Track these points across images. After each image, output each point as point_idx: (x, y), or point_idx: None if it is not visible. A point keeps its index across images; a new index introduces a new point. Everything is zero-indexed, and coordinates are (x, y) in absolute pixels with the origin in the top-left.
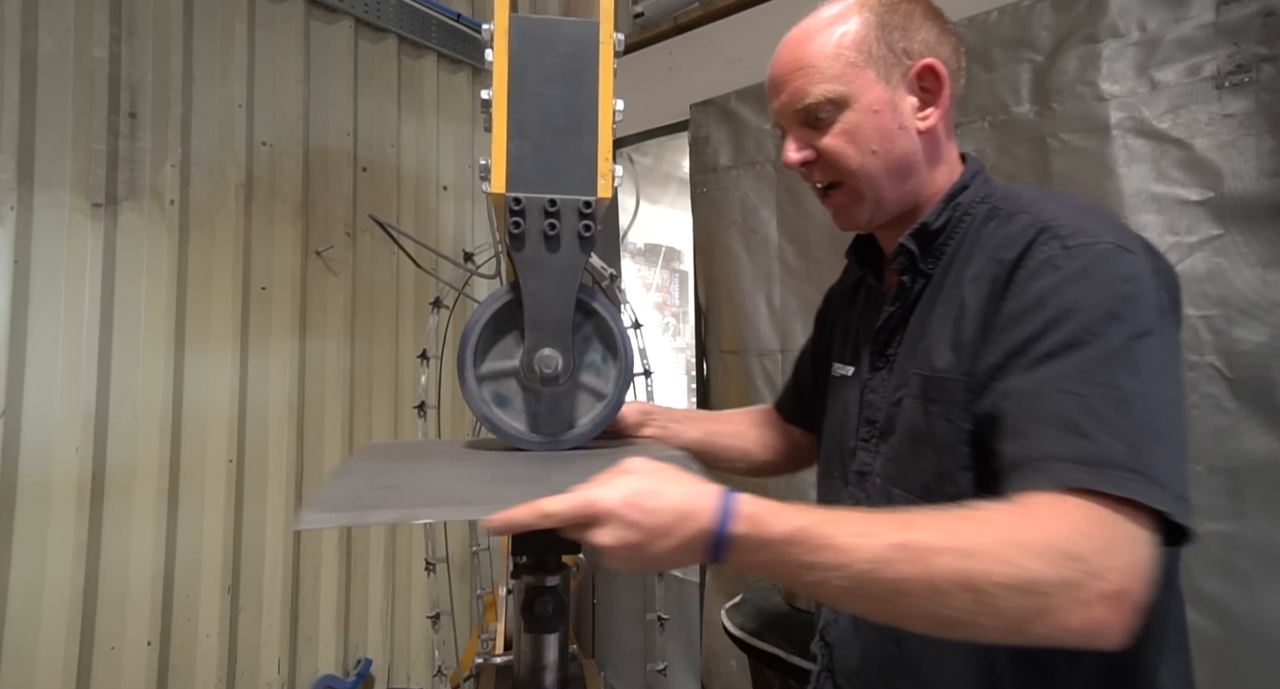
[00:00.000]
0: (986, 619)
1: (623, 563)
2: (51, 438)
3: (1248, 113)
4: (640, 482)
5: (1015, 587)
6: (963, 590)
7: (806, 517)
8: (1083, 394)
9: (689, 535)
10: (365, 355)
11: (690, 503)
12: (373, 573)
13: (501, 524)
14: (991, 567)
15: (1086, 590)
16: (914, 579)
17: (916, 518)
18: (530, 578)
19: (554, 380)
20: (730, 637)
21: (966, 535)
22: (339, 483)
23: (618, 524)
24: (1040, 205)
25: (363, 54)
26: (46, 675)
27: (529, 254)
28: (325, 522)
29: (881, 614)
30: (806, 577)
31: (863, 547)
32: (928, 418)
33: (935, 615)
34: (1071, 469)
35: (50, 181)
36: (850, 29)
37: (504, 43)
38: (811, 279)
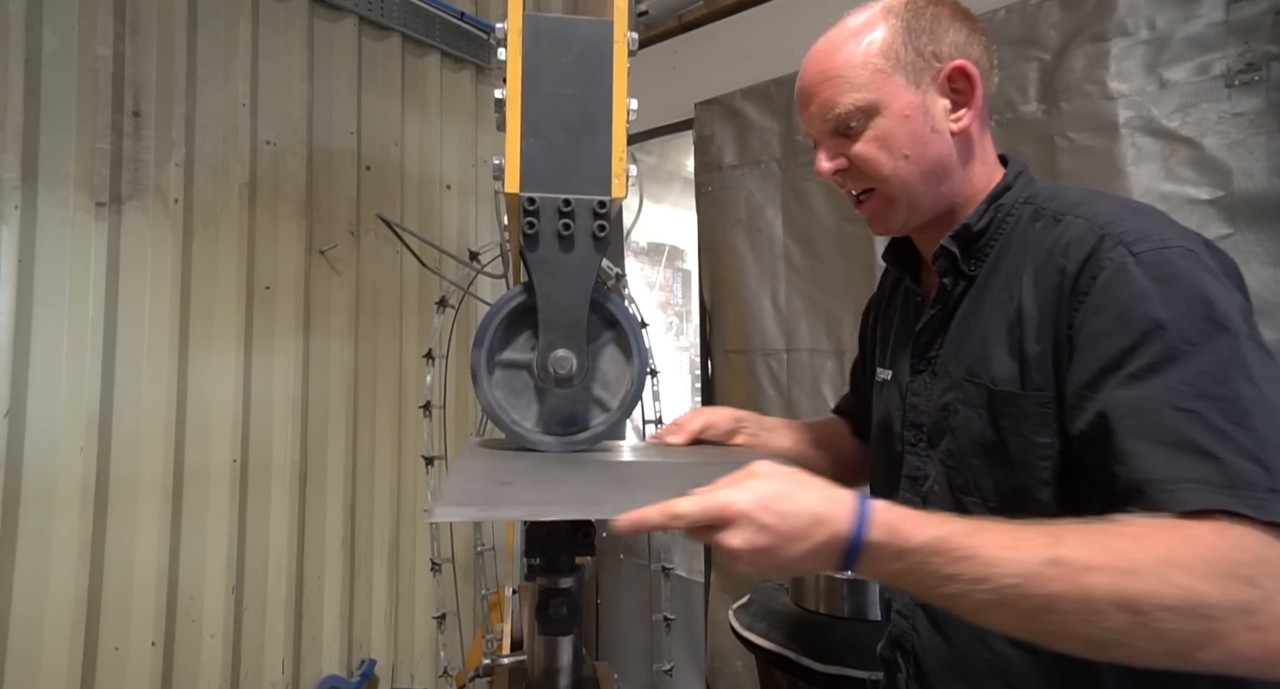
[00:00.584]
0: (1146, 642)
1: (752, 567)
2: (55, 438)
3: (1258, 111)
4: (773, 484)
5: (1180, 609)
6: (1120, 611)
7: (947, 526)
8: (1195, 410)
9: (822, 540)
10: (369, 355)
11: (825, 507)
12: (376, 573)
13: (631, 524)
14: (1153, 587)
15: (1260, 615)
16: (1066, 597)
17: (1065, 532)
18: (544, 579)
19: (568, 381)
20: (738, 637)
21: (1123, 554)
22: (460, 478)
23: (749, 527)
24: (1091, 206)
25: (366, 52)
26: (51, 676)
27: (543, 254)
28: (460, 515)
29: (1025, 631)
30: (945, 588)
31: (1010, 561)
32: (998, 431)
33: (1086, 636)
34: (1199, 490)
35: (54, 180)
36: (877, 37)
37: (518, 42)
38: (817, 278)
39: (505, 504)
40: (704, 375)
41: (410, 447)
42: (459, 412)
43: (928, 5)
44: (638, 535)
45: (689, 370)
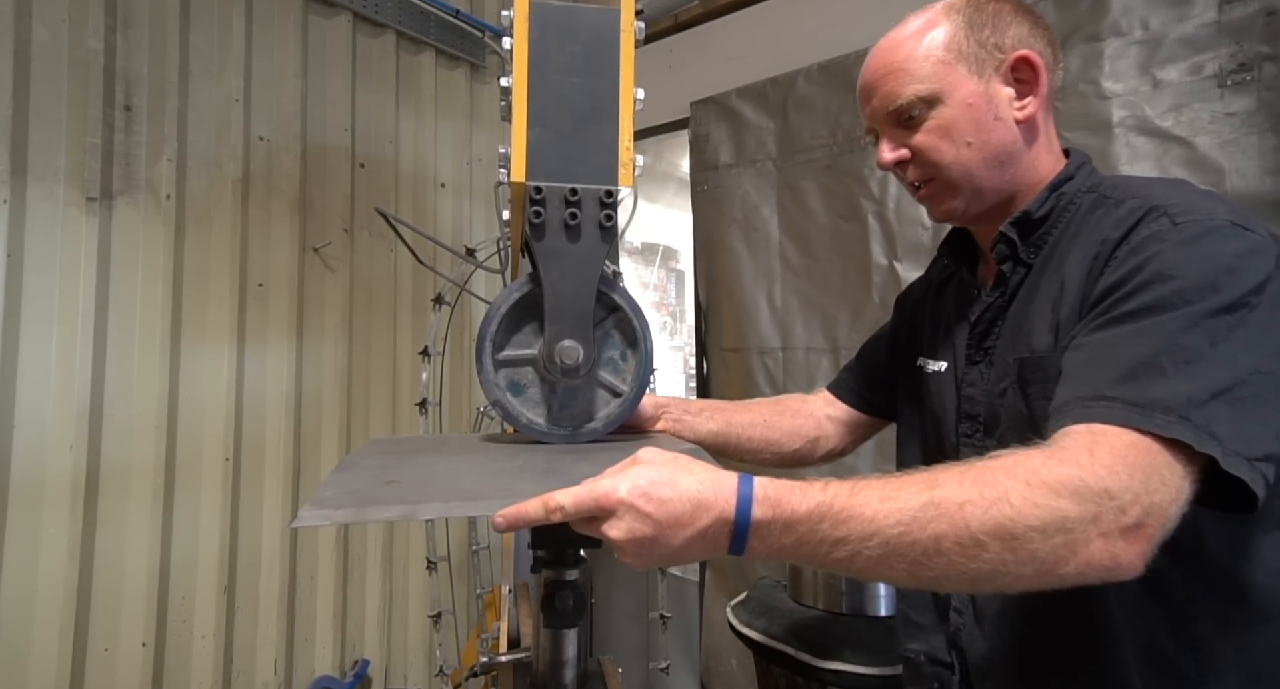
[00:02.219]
0: (1019, 567)
1: (637, 558)
2: (45, 435)
3: (1250, 111)
4: (653, 472)
5: (1045, 527)
6: (995, 540)
7: (827, 491)
8: (1151, 348)
9: (706, 525)
10: (363, 352)
11: (707, 492)
12: (370, 573)
13: (511, 519)
14: (1021, 511)
15: (1108, 523)
16: (947, 535)
17: (940, 474)
18: (550, 572)
19: (575, 372)
20: (736, 634)
21: (993, 484)
22: (340, 478)
23: (630, 516)
24: (1152, 190)
25: (361, 49)
26: (39, 677)
27: (549, 244)
28: (324, 519)
29: (915, 578)
30: (836, 552)
31: (891, 512)
32: (1026, 400)
33: (968, 570)
34: (1118, 408)
35: (44, 175)
36: (939, 33)
37: (524, 29)
38: (812, 277)
39: (379, 504)
40: (699, 374)
41: None
42: (454, 409)
43: (989, 2)
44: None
45: (683, 369)
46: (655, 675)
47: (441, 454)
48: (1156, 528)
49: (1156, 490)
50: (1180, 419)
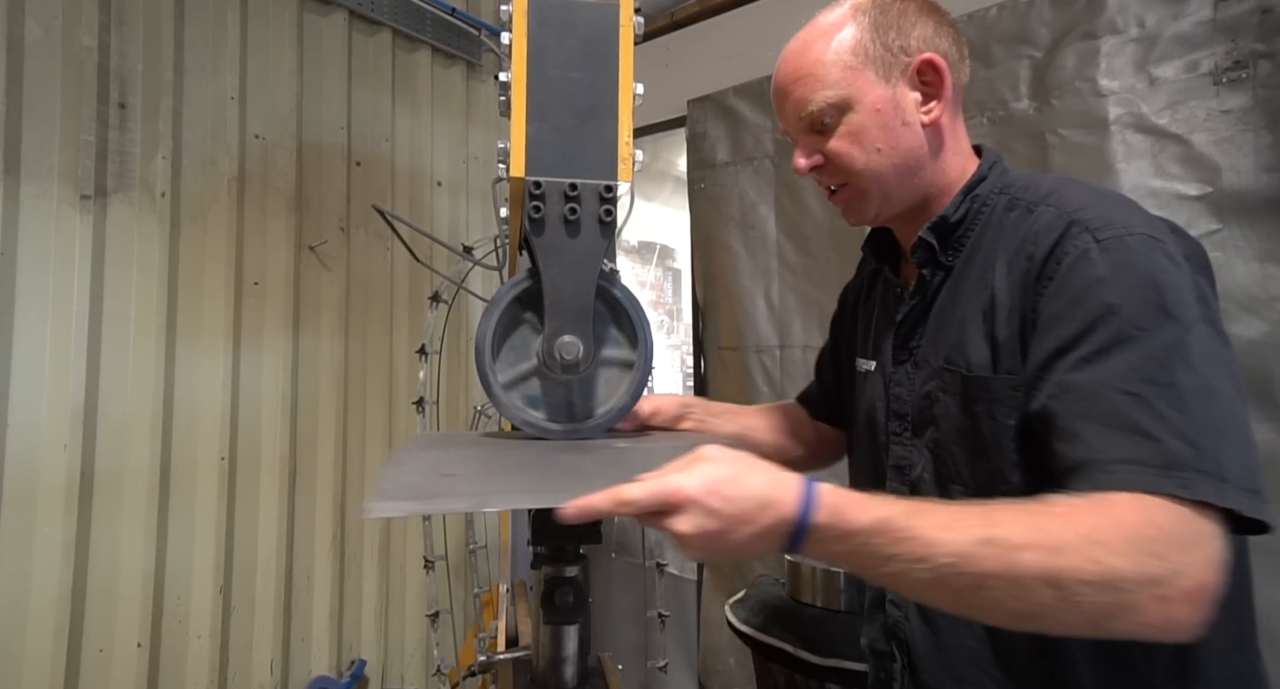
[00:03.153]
0: (1066, 615)
1: (700, 551)
2: (39, 435)
3: (1245, 108)
4: (720, 468)
5: (1099, 583)
6: (1046, 587)
7: (889, 508)
8: (1140, 394)
9: (769, 524)
10: (359, 351)
11: (772, 491)
12: (367, 572)
13: (579, 511)
14: (1076, 564)
15: (1167, 587)
16: (997, 574)
17: (998, 513)
18: (550, 568)
19: (575, 367)
20: (735, 631)
21: (1051, 532)
22: (396, 472)
23: (697, 512)
24: (1063, 195)
25: (357, 47)
26: (34, 678)
27: (549, 239)
28: (397, 510)
29: (958, 606)
30: (886, 568)
31: (948, 541)
32: (972, 417)
33: (1013, 610)
34: (1138, 472)
35: (38, 173)
36: (846, 35)
37: (523, 24)
38: (810, 275)
39: (447, 497)
40: (696, 372)
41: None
42: (450, 407)
43: (894, 1)
44: (629, 530)
45: (680, 368)
46: (653, 674)
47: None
48: (1214, 587)
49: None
50: (1199, 474)
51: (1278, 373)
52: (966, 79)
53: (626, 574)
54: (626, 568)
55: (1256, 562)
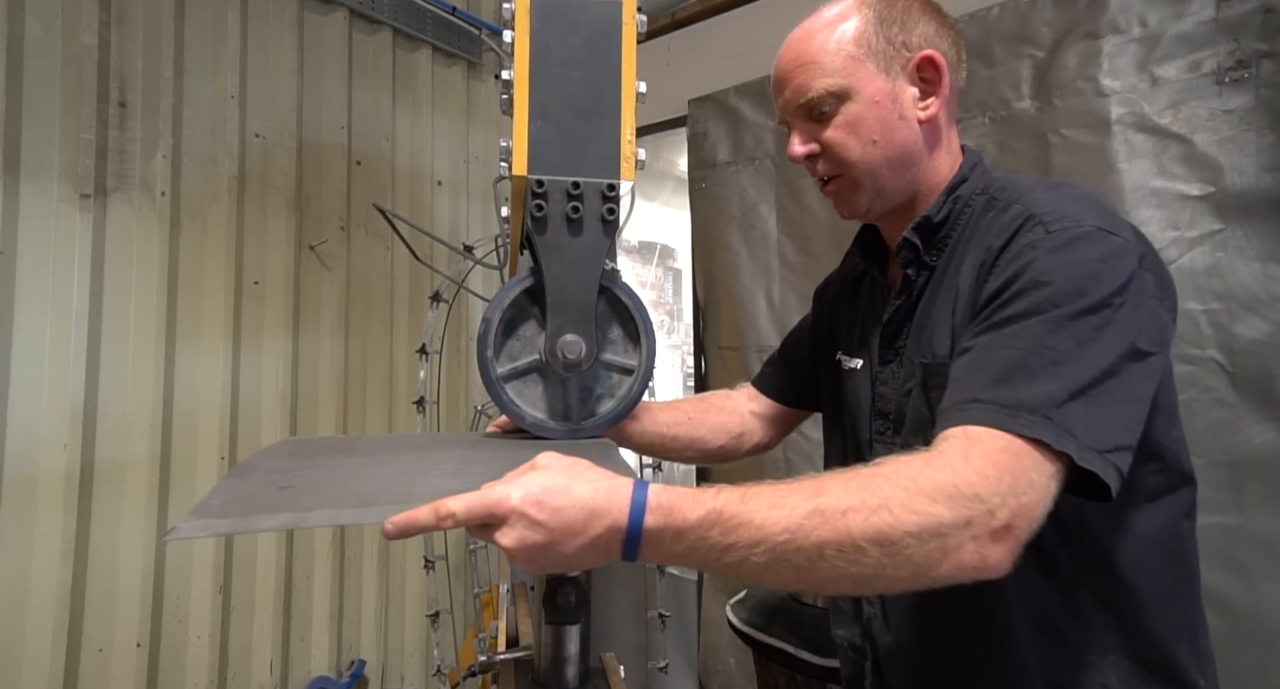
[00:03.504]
0: (898, 569)
1: (528, 565)
2: (38, 434)
3: (1248, 108)
4: (547, 478)
5: (922, 533)
6: (875, 545)
7: (718, 498)
8: (1023, 352)
9: (599, 533)
10: (359, 351)
11: (600, 500)
12: (366, 572)
13: (401, 527)
14: (900, 517)
15: (979, 526)
16: (830, 542)
17: (827, 481)
18: None
19: (577, 366)
20: (736, 632)
21: (875, 491)
22: (231, 484)
23: (521, 524)
24: (1033, 195)
25: (357, 46)
26: (33, 678)
27: (551, 238)
28: (203, 530)
29: (801, 582)
30: (726, 558)
31: (778, 519)
32: (928, 403)
33: (850, 574)
34: (988, 410)
35: (37, 171)
36: (850, 26)
37: (525, 22)
38: (811, 275)
39: (266, 512)
40: (697, 372)
41: None
42: (450, 407)
43: None
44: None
45: (680, 368)
46: (653, 674)
47: (350, 455)
48: (1024, 529)
49: (1024, 492)
50: (1043, 419)
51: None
52: (963, 83)
53: (626, 574)
54: (626, 568)
55: (1257, 561)
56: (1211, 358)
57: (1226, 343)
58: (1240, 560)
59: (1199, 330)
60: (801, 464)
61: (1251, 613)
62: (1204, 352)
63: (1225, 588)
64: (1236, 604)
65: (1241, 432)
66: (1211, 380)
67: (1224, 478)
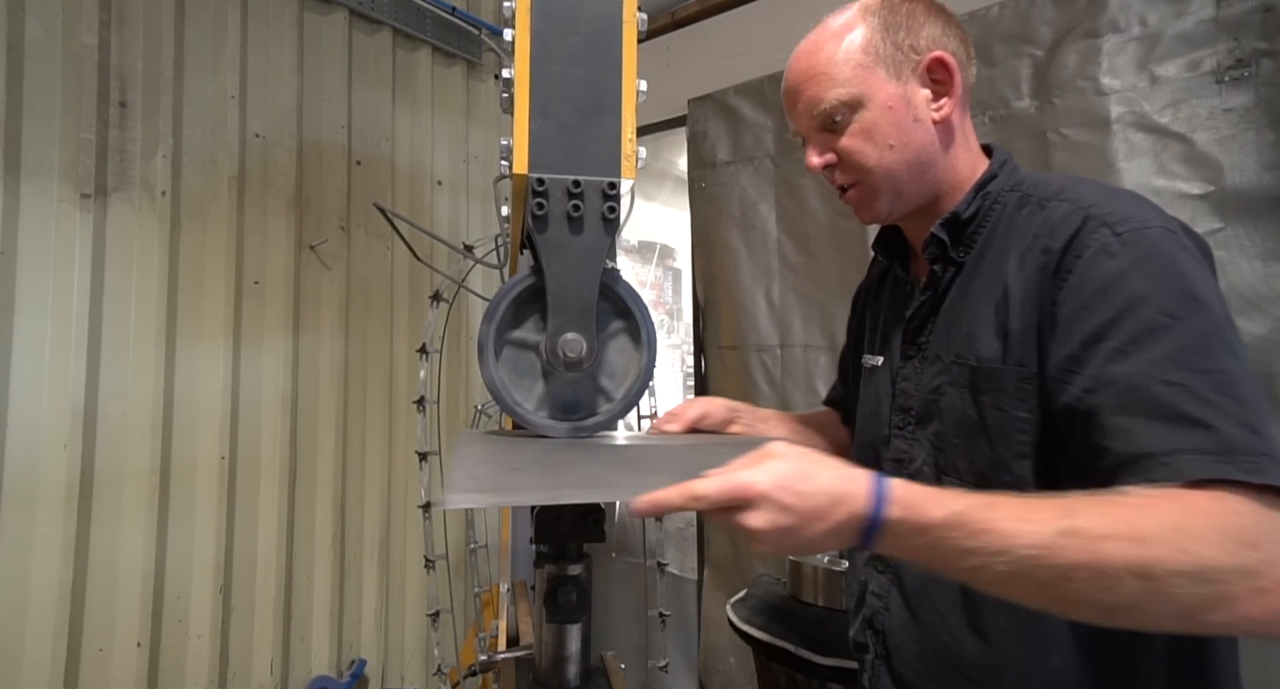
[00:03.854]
0: (1158, 607)
1: (773, 546)
2: (39, 434)
3: (1248, 107)
4: (791, 464)
5: (1191, 574)
6: (1134, 578)
7: (962, 501)
8: (1184, 383)
9: (842, 519)
10: (359, 350)
11: (844, 486)
12: (367, 572)
13: (651, 506)
14: (1164, 554)
15: (1264, 578)
16: (1082, 566)
17: (1077, 504)
18: (553, 567)
19: (578, 365)
20: (736, 631)
21: (1133, 523)
22: (465, 466)
23: (770, 507)
24: (1075, 191)
25: (357, 46)
26: (33, 678)
27: (552, 236)
28: (474, 501)
29: (1043, 599)
30: (965, 562)
31: (1027, 533)
32: (978, 408)
33: (1102, 602)
34: (1199, 460)
35: (37, 171)
36: (857, 36)
37: (526, 20)
38: (811, 274)
39: (519, 489)
40: (697, 371)
41: (401, 443)
42: (451, 407)
43: (903, 2)
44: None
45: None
46: (654, 674)
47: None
48: None
49: None
50: (1263, 456)
51: None
52: (974, 79)
53: (627, 574)
54: (627, 567)
55: None
56: None
57: None
58: None
59: None
60: None
61: None
62: None
63: None
64: None
65: None
66: None
67: None
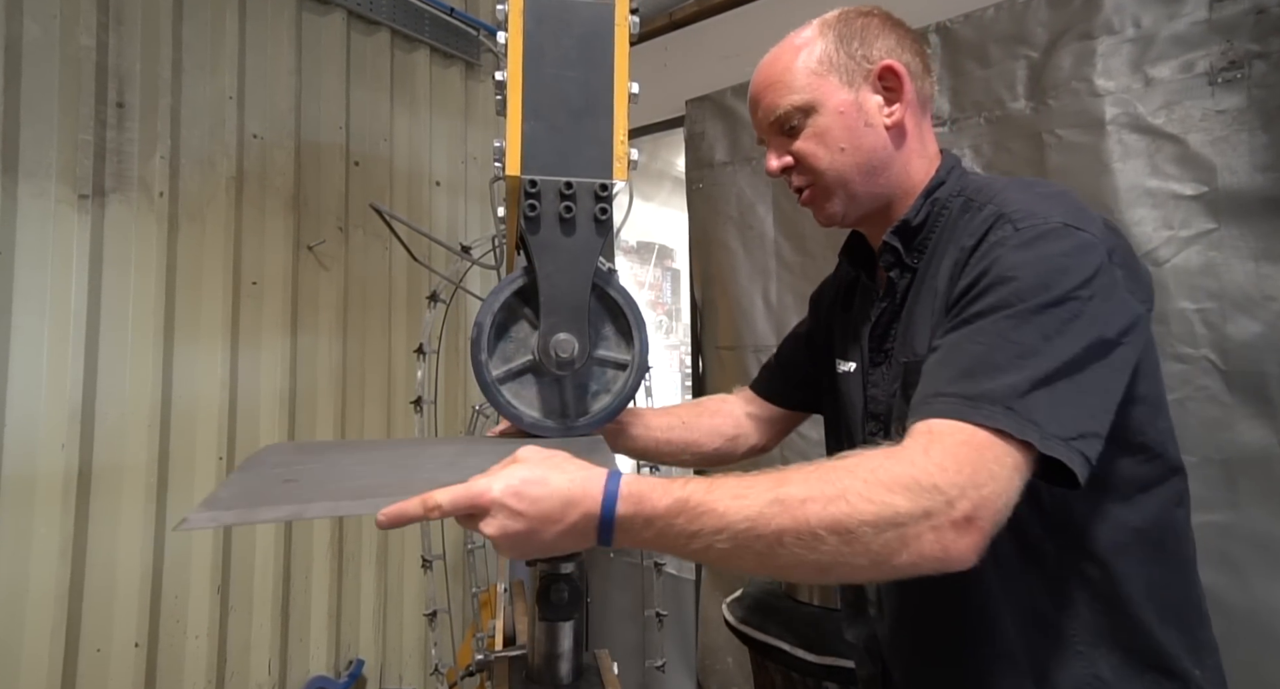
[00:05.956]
0: (857, 558)
1: (511, 551)
2: (36, 434)
3: (1241, 108)
4: (526, 470)
5: (879, 522)
6: (832, 534)
7: (686, 488)
8: (988, 345)
9: (575, 521)
10: (357, 351)
11: (576, 489)
12: (365, 572)
13: (390, 518)
14: (857, 507)
15: (940, 517)
16: (788, 530)
17: (790, 473)
18: (544, 565)
19: (570, 364)
20: (732, 630)
21: (834, 482)
22: (239, 477)
23: (503, 514)
24: (1005, 195)
25: (355, 47)
26: (31, 678)
27: (544, 237)
28: (212, 521)
29: (763, 568)
30: (691, 544)
31: (740, 508)
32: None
33: (810, 561)
34: (952, 403)
35: (35, 172)
36: (814, 48)
37: (519, 23)
38: (808, 274)
39: (266, 505)
40: (694, 372)
41: None
42: (449, 407)
43: (859, 17)
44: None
45: (679, 368)
46: (651, 673)
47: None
48: (987, 520)
49: (985, 484)
50: (1005, 409)
51: (1273, 372)
52: (932, 91)
53: (625, 573)
54: (625, 567)
55: (1250, 559)
56: (1205, 357)
57: (1219, 342)
58: (1233, 558)
59: (1192, 330)
60: None
61: (1245, 610)
62: (1197, 350)
63: (1219, 585)
64: (1230, 601)
65: (1234, 430)
66: (1205, 379)
67: (1217, 476)
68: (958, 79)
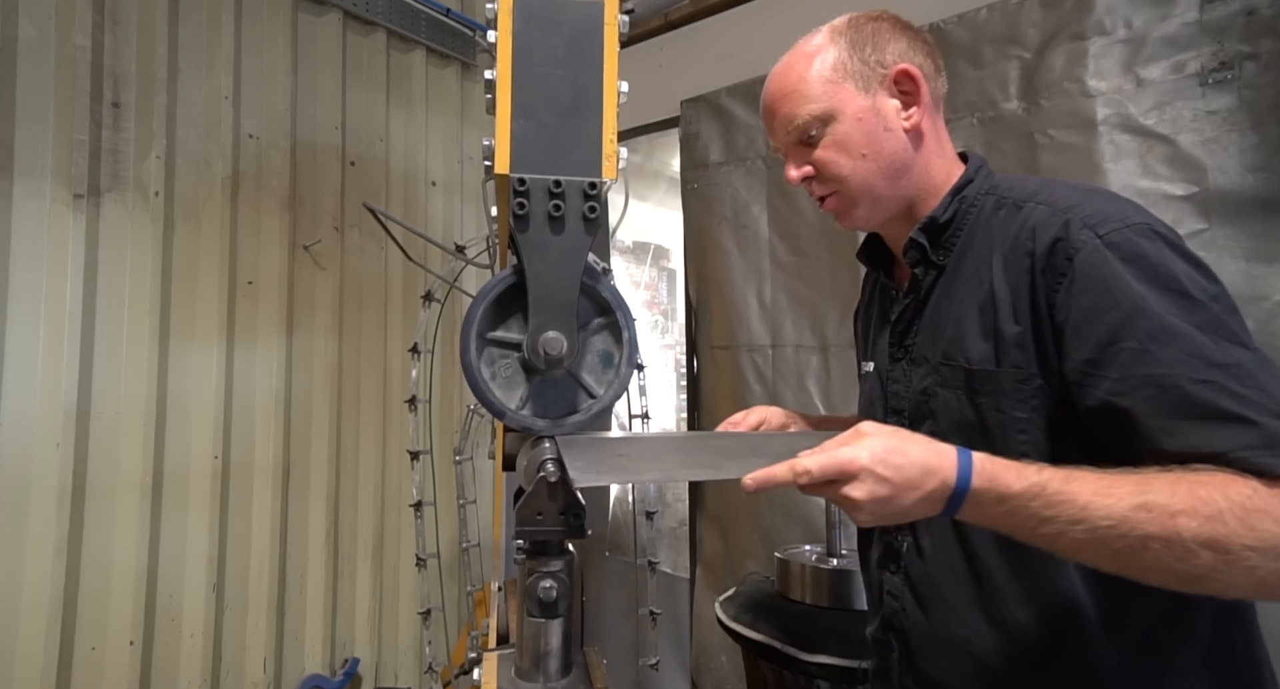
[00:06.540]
0: (1234, 577)
1: (872, 515)
2: (31, 434)
3: (1231, 109)
4: (885, 441)
5: (1264, 550)
6: (1208, 551)
7: (1041, 474)
8: (1212, 380)
9: (932, 488)
10: (353, 350)
11: (933, 459)
12: (360, 571)
13: (759, 482)
14: (1237, 531)
15: None
16: (1156, 537)
17: (1151, 480)
18: (532, 563)
19: (559, 363)
20: (725, 628)
21: (1206, 501)
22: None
23: (870, 479)
24: (1050, 193)
25: (351, 47)
26: (25, 676)
27: (533, 236)
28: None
29: (1119, 565)
30: (1043, 529)
31: (1104, 505)
32: (976, 409)
33: (1177, 570)
34: (1254, 456)
35: (30, 171)
36: (827, 56)
37: (508, 22)
38: (802, 274)
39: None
40: (689, 372)
41: (394, 443)
42: (444, 406)
43: (868, 22)
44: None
45: (674, 368)
46: (645, 672)
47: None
48: None
49: None
50: None
51: None
52: (944, 90)
53: (619, 572)
54: (619, 566)
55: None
56: None
57: None
58: None
59: None
60: None
61: None
62: None
63: None
64: None
65: None
66: None
67: None
68: (950, 80)
